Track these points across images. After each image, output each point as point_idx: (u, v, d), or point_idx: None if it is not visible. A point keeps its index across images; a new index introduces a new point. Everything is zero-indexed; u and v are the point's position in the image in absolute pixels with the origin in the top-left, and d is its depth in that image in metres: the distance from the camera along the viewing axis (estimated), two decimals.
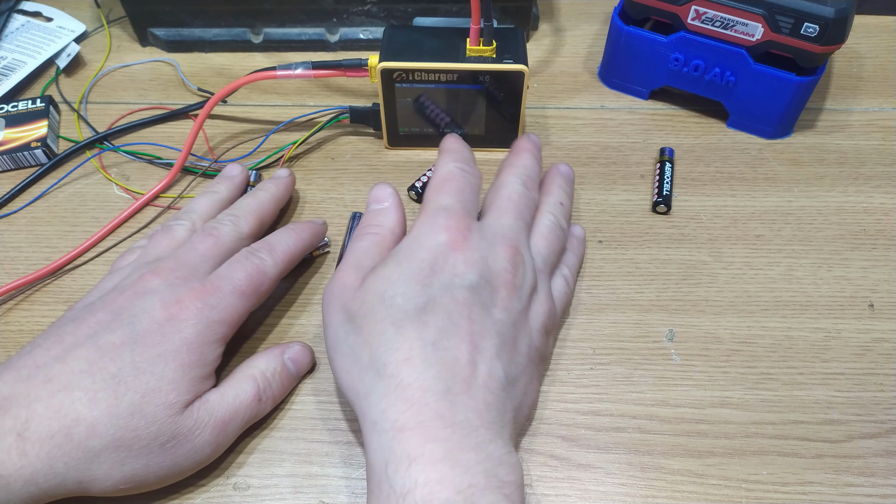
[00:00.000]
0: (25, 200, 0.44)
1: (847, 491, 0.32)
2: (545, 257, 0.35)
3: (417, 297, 0.30)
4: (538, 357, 0.33)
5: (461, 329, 0.30)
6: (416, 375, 0.28)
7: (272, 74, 0.42)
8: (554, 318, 0.35)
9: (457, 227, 0.32)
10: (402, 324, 0.30)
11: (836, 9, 0.39)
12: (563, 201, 0.38)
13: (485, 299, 0.31)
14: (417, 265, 0.31)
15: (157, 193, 0.44)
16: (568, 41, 0.54)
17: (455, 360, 0.29)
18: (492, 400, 0.29)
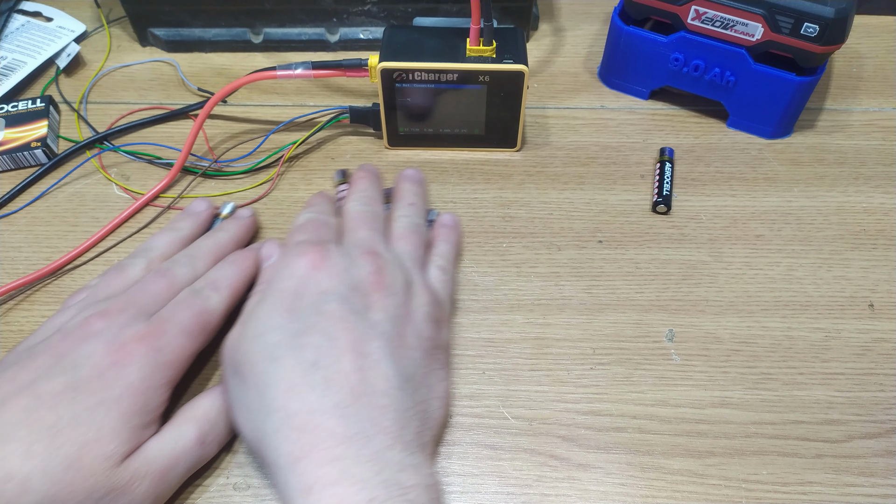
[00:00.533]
0: (25, 200, 0.44)
1: (847, 491, 0.32)
2: (409, 254, 0.36)
3: (288, 326, 0.30)
4: (432, 347, 0.33)
5: (340, 341, 0.29)
6: (302, 400, 0.28)
7: (272, 74, 0.42)
8: (439, 307, 0.34)
9: (314, 250, 0.33)
10: (279, 356, 0.29)
11: (836, 9, 0.39)
12: (413, 202, 0.39)
13: (358, 306, 0.31)
14: (282, 296, 0.31)
15: (157, 193, 0.43)
16: (568, 41, 0.54)
17: (339, 373, 0.29)
18: (386, 403, 0.29)
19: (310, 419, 0.28)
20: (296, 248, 0.33)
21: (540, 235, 0.42)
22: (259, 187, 0.44)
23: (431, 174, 0.45)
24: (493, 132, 0.45)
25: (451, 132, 0.45)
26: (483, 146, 0.45)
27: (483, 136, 0.45)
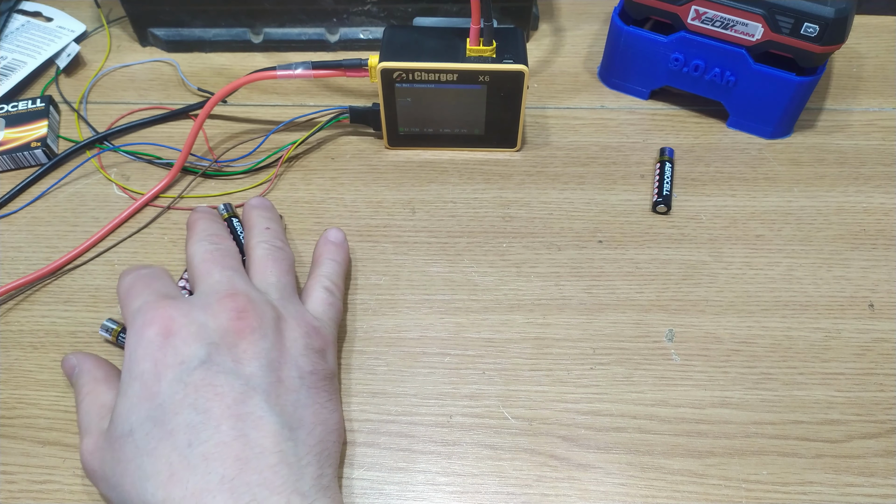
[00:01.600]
0: (25, 200, 0.44)
1: (847, 491, 0.32)
2: (274, 284, 0.33)
3: (153, 412, 0.28)
4: (317, 380, 0.31)
5: (213, 412, 0.27)
6: (184, 486, 0.26)
7: (272, 74, 0.42)
8: (318, 335, 0.32)
9: (161, 314, 0.29)
10: (150, 447, 0.27)
11: (836, 9, 0.39)
12: (269, 226, 0.36)
13: (226, 364, 0.29)
14: (141, 381, 0.28)
15: (156, 193, 0.43)
16: (568, 41, 0.54)
17: (219, 444, 0.27)
18: (276, 461, 0.27)
19: (196, 501, 0.26)
20: (139, 318, 0.30)
21: (540, 235, 0.42)
22: (258, 187, 0.44)
23: (431, 174, 0.45)
24: (493, 132, 0.45)
25: (451, 132, 0.45)
26: (483, 146, 0.45)
27: (483, 136, 0.45)
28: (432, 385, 0.36)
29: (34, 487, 0.33)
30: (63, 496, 0.33)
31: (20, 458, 0.34)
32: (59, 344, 0.38)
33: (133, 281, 0.32)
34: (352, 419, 0.35)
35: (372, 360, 0.37)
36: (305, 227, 0.42)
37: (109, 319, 0.36)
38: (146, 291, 0.31)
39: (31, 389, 0.36)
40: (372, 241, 0.42)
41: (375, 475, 0.33)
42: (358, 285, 0.40)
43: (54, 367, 0.37)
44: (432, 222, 0.42)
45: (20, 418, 0.35)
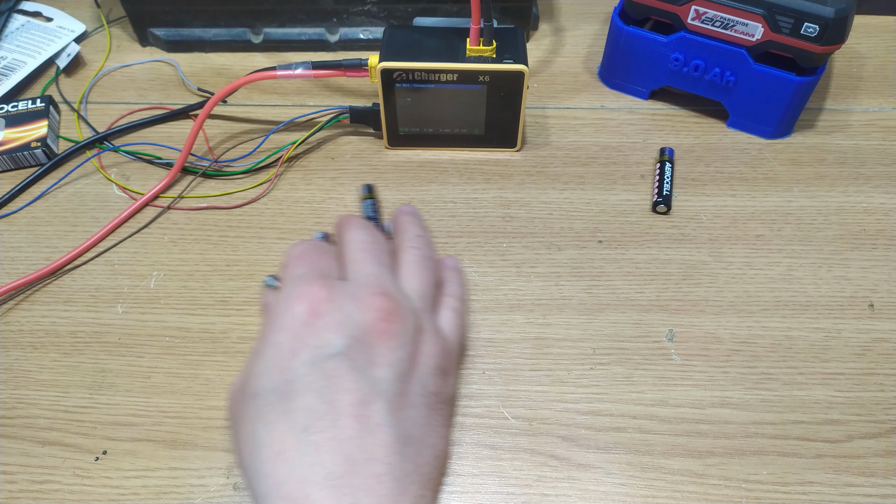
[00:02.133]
0: (25, 200, 0.44)
1: (847, 491, 0.32)
2: (421, 293, 0.32)
3: (280, 385, 0.28)
4: (437, 402, 0.30)
5: (336, 404, 0.27)
6: (291, 469, 0.26)
7: (272, 74, 0.42)
8: (448, 356, 0.31)
9: (313, 292, 0.29)
10: (270, 418, 0.27)
11: (836, 9, 0.39)
12: (421, 233, 0.36)
13: (360, 361, 0.28)
14: (276, 350, 0.28)
15: (156, 193, 0.44)
16: (568, 41, 0.54)
17: (333, 440, 0.26)
18: (384, 471, 0.26)
19: (299, 489, 0.25)
20: (293, 289, 0.30)
21: (540, 235, 0.42)
22: (259, 187, 0.44)
23: (431, 174, 0.45)
24: (493, 132, 0.45)
25: (451, 132, 0.45)
26: (483, 146, 0.45)
27: (483, 136, 0.45)
28: None
29: (34, 487, 0.33)
30: (63, 496, 0.33)
31: (20, 458, 0.34)
32: (59, 344, 0.38)
33: (305, 250, 0.32)
34: None
35: None
36: (305, 227, 0.42)
37: (272, 276, 0.35)
38: (310, 265, 0.31)
39: (31, 389, 0.36)
40: None
41: None
42: None
43: (54, 367, 0.37)
44: (432, 222, 0.42)
45: (20, 418, 0.35)
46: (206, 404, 0.35)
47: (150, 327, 0.38)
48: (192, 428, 0.35)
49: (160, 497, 0.33)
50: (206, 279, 0.40)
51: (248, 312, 0.39)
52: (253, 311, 0.39)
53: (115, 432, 0.34)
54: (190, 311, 0.39)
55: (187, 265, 0.41)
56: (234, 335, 0.38)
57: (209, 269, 0.41)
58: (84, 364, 0.37)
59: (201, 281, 0.40)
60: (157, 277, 0.40)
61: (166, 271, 0.40)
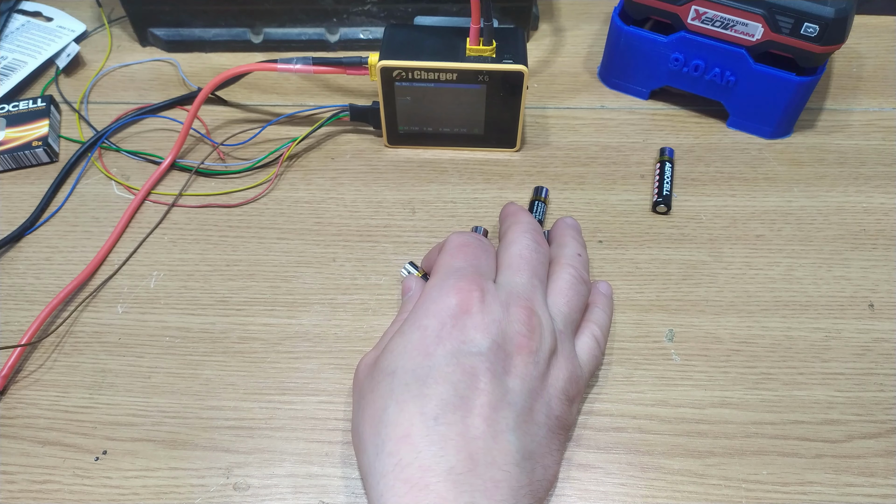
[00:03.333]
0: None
1: (847, 491, 0.32)
2: (566, 316, 0.33)
3: (419, 369, 0.28)
4: (558, 427, 0.31)
5: (469, 401, 0.28)
6: (415, 454, 0.26)
7: (272, 66, 0.42)
8: (577, 383, 0.32)
9: (468, 289, 0.30)
10: (403, 398, 0.28)
11: (836, 9, 0.39)
12: (581, 252, 0.36)
13: (497, 367, 0.29)
14: (421, 334, 0.29)
15: (150, 188, 0.44)
16: (568, 41, 0.54)
17: (461, 436, 0.27)
18: (502, 478, 0.27)
19: (421, 477, 0.26)
20: (449, 281, 0.31)
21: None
22: (258, 186, 0.44)
23: (431, 174, 0.45)
24: (492, 132, 0.45)
25: (451, 131, 0.45)
26: (483, 146, 0.45)
27: (483, 135, 0.45)
28: None
29: (34, 487, 0.33)
30: (63, 496, 0.33)
31: (20, 458, 0.34)
32: (59, 344, 0.38)
33: (467, 243, 0.33)
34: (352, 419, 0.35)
35: None
36: (305, 227, 0.42)
37: (410, 263, 0.38)
38: (472, 261, 0.32)
39: (31, 389, 0.36)
40: (372, 241, 0.42)
41: None
42: (358, 285, 0.40)
43: (54, 367, 0.37)
44: (432, 222, 0.42)
45: (20, 418, 0.35)
46: (206, 404, 0.35)
47: (150, 327, 0.38)
48: (192, 428, 0.35)
49: (160, 497, 0.33)
50: (206, 279, 0.40)
51: (248, 312, 0.39)
52: (253, 311, 0.39)
53: (115, 432, 0.35)
54: (190, 311, 0.39)
55: (187, 265, 0.41)
56: (234, 335, 0.38)
57: (209, 269, 0.41)
58: (84, 364, 0.37)
59: (201, 281, 0.40)
60: (157, 277, 0.40)
61: (166, 271, 0.40)
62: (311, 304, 0.39)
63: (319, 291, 0.40)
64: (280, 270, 0.40)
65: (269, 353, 0.37)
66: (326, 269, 0.40)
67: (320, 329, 0.38)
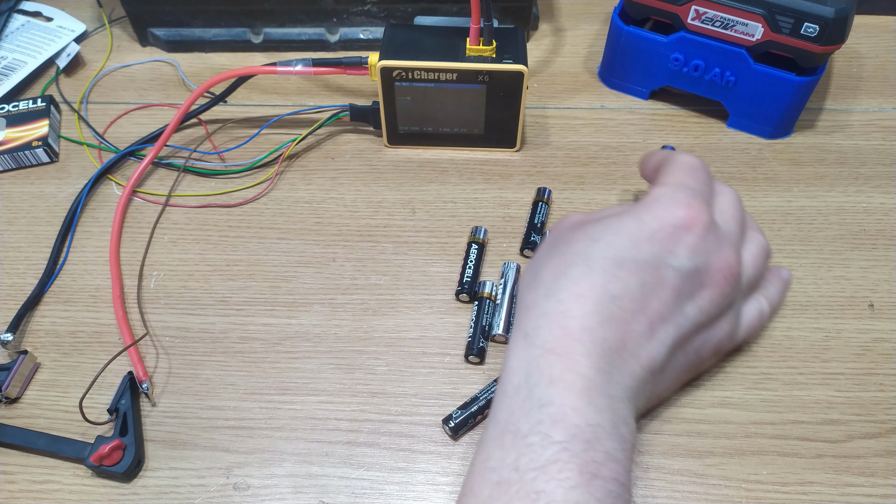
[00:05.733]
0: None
1: (847, 491, 0.32)
2: (750, 277, 0.34)
3: (622, 251, 0.30)
4: (696, 365, 0.33)
5: (647, 304, 0.30)
6: (583, 313, 0.29)
7: (272, 70, 0.42)
8: (732, 342, 0.34)
9: (698, 211, 0.31)
10: (594, 267, 0.30)
11: (836, 9, 0.39)
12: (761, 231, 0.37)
13: (685, 289, 0.31)
14: (637, 225, 0.31)
15: (134, 182, 0.44)
16: (568, 41, 0.54)
17: (624, 323, 0.29)
18: (639, 373, 0.29)
19: (580, 333, 0.29)
20: (682, 195, 0.32)
21: None
22: (258, 186, 0.44)
23: (431, 174, 0.45)
24: (492, 132, 0.45)
25: (451, 131, 0.45)
26: (483, 146, 0.45)
27: (482, 135, 0.45)
28: (432, 385, 0.36)
29: (34, 487, 0.33)
30: (63, 496, 0.33)
31: (20, 458, 0.34)
32: (59, 344, 0.38)
33: (701, 167, 0.35)
34: (352, 419, 0.35)
35: (372, 361, 0.37)
36: (306, 227, 0.42)
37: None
38: (703, 187, 0.33)
39: (31, 389, 0.36)
40: (372, 241, 0.42)
41: (375, 475, 0.33)
42: (358, 285, 0.40)
43: (54, 367, 0.37)
44: (432, 222, 0.42)
45: (20, 418, 0.35)
46: (206, 404, 0.35)
47: (150, 327, 0.38)
48: (192, 428, 0.35)
49: (160, 497, 0.33)
50: (206, 279, 0.40)
51: (248, 312, 0.39)
52: (253, 311, 0.39)
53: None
54: (190, 311, 0.39)
55: (187, 265, 0.41)
56: (234, 335, 0.38)
57: (209, 269, 0.41)
58: (84, 364, 0.37)
59: (201, 281, 0.40)
60: (157, 277, 0.40)
61: (166, 271, 0.40)
62: (311, 304, 0.39)
63: (319, 291, 0.40)
64: (280, 270, 0.40)
65: (269, 353, 0.37)
66: (326, 269, 0.40)
67: (320, 329, 0.38)
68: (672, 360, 0.31)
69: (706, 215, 0.32)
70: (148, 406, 0.35)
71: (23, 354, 0.36)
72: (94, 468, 0.33)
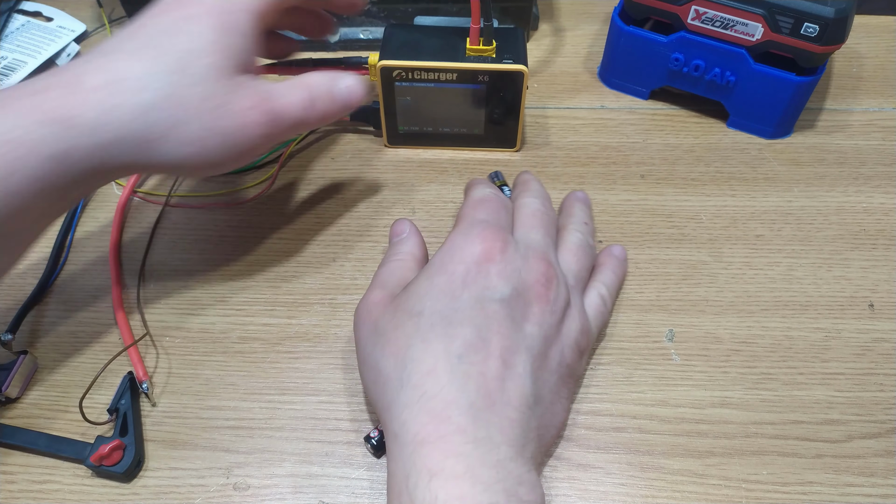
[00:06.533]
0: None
1: (847, 491, 0.32)
2: (575, 273, 0.35)
3: (445, 310, 0.30)
4: (568, 375, 0.33)
5: (490, 343, 0.29)
6: (439, 388, 0.28)
7: (272, 70, 0.42)
8: (587, 336, 0.34)
9: (493, 239, 0.32)
10: (429, 337, 0.30)
11: (836, 9, 0.39)
12: (587, 221, 0.39)
13: (516, 313, 0.31)
14: (448, 278, 0.31)
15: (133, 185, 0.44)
16: (568, 41, 0.54)
17: (481, 375, 0.29)
18: (516, 417, 0.29)
19: (444, 409, 0.28)
20: (474, 230, 0.33)
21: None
22: (258, 186, 0.44)
23: (431, 174, 0.45)
24: (492, 132, 0.45)
25: (451, 132, 0.45)
26: (483, 146, 0.45)
27: (483, 136, 0.45)
28: None
29: (34, 487, 0.33)
30: (63, 496, 0.33)
31: (20, 458, 0.34)
32: (59, 344, 0.38)
33: (490, 197, 0.36)
34: (353, 419, 0.35)
35: None
36: (306, 227, 0.42)
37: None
38: (494, 215, 0.34)
39: (31, 389, 0.36)
40: (372, 241, 0.42)
41: (375, 475, 0.33)
42: (358, 285, 0.40)
43: (54, 367, 0.37)
44: (432, 222, 0.42)
45: (21, 418, 0.35)
46: (206, 404, 0.35)
47: (151, 327, 0.38)
48: (192, 428, 0.35)
49: (160, 497, 0.33)
50: (206, 279, 0.40)
51: (248, 312, 0.39)
52: (253, 311, 0.39)
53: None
54: (190, 311, 0.39)
55: (187, 265, 0.41)
56: (234, 335, 0.38)
57: (209, 269, 0.41)
58: (85, 364, 0.37)
59: (201, 281, 0.40)
60: (157, 278, 0.40)
61: (166, 271, 0.40)
62: (311, 304, 0.39)
63: (319, 291, 0.40)
64: (280, 270, 0.40)
65: (269, 353, 0.37)
66: (326, 269, 0.40)
67: (320, 329, 0.38)
68: (542, 384, 0.31)
69: (500, 241, 0.32)
70: (148, 406, 0.35)
71: (23, 354, 0.36)
72: (94, 468, 0.33)
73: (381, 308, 0.32)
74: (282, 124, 0.32)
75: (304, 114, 0.33)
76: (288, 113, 0.32)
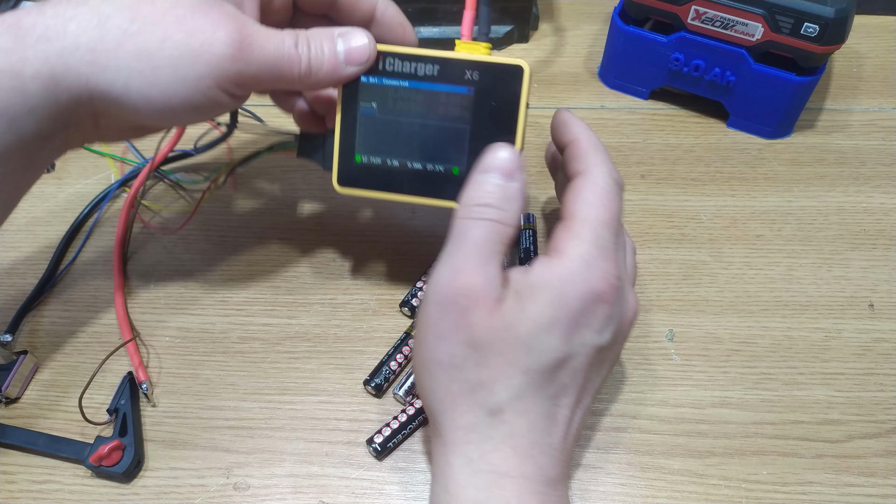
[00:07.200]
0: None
1: (847, 491, 0.32)
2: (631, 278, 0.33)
3: (557, 353, 0.28)
4: (609, 365, 0.32)
5: (576, 387, 0.29)
6: (528, 428, 0.28)
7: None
8: (629, 326, 0.32)
9: (614, 277, 0.29)
10: (534, 377, 0.28)
11: (836, 9, 0.39)
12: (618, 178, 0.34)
13: (603, 357, 0.30)
14: (567, 314, 0.28)
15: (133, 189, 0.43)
16: (568, 41, 0.54)
17: (563, 417, 0.29)
18: (571, 452, 0.30)
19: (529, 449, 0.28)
20: (601, 262, 0.29)
21: (540, 236, 0.42)
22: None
23: None
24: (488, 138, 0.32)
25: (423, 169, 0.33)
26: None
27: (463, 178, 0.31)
28: None
29: (34, 487, 0.33)
30: (63, 496, 0.33)
31: (20, 458, 0.34)
32: (59, 344, 0.38)
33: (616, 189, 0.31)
34: (353, 419, 0.35)
35: (372, 361, 0.37)
36: (307, 228, 0.42)
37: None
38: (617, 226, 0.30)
39: (31, 389, 0.36)
40: (372, 241, 0.42)
41: (375, 475, 0.33)
42: (358, 285, 0.40)
43: (54, 367, 0.37)
44: (432, 222, 0.42)
45: (21, 418, 0.35)
46: (206, 404, 0.35)
47: (151, 327, 0.38)
48: (192, 428, 0.35)
49: (160, 497, 0.33)
50: (206, 279, 0.40)
51: (248, 312, 0.39)
52: (253, 311, 0.39)
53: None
54: (190, 311, 0.39)
55: (187, 265, 0.41)
56: (234, 335, 0.38)
57: (209, 269, 0.41)
58: (84, 364, 0.37)
59: (201, 281, 0.40)
60: (157, 278, 0.40)
61: (166, 271, 0.40)
62: (311, 304, 0.39)
63: (319, 291, 0.40)
64: (280, 270, 0.40)
65: (269, 353, 0.37)
66: (326, 269, 0.40)
67: (320, 329, 0.38)
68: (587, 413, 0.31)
69: (617, 279, 0.29)
70: (148, 406, 0.35)
71: (23, 354, 0.36)
72: (94, 468, 0.33)
73: (484, 312, 0.28)
74: (253, 59, 0.28)
75: (281, 53, 0.29)
76: (262, 46, 0.28)
